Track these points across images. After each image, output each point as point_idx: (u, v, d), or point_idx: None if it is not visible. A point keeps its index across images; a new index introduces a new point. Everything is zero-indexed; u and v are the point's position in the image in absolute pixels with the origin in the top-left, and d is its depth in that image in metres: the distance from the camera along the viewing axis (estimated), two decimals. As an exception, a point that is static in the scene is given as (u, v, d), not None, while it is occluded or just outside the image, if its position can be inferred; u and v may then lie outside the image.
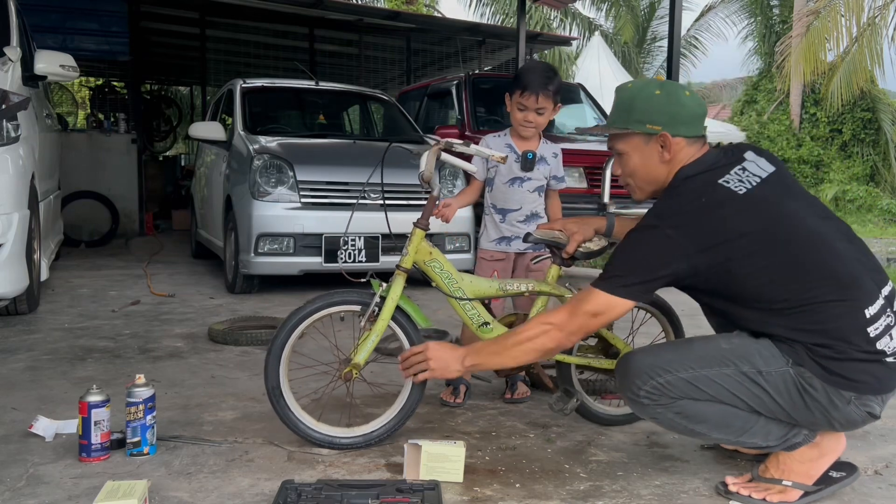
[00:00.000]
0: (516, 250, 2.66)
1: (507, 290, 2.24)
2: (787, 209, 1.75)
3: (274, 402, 2.09)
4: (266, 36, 11.31)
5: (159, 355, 3.22)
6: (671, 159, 1.83)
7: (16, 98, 3.58)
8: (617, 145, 1.90)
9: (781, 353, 1.70)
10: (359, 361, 2.07)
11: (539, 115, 2.57)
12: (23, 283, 3.54)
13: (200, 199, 6.54)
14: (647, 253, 1.73)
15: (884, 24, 13.55)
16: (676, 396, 1.73)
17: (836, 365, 1.66)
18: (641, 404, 1.77)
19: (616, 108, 1.90)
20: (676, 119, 1.82)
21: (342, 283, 2.16)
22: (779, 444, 1.77)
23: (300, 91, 6.43)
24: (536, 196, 2.68)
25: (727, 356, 1.73)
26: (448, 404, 2.57)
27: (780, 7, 19.70)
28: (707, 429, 1.76)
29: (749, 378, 1.70)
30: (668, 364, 1.74)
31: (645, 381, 1.73)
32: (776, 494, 1.78)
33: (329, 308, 2.11)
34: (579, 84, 7.63)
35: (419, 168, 2.15)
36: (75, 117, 17.40)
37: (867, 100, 17.34)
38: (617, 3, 20.87)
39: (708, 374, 1.71)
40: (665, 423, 1.79)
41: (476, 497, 1.81)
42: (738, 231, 1.69)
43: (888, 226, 15.07)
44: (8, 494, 1.77)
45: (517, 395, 2.62)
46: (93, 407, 1.97)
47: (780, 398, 1.70)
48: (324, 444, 2.10)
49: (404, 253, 2.13)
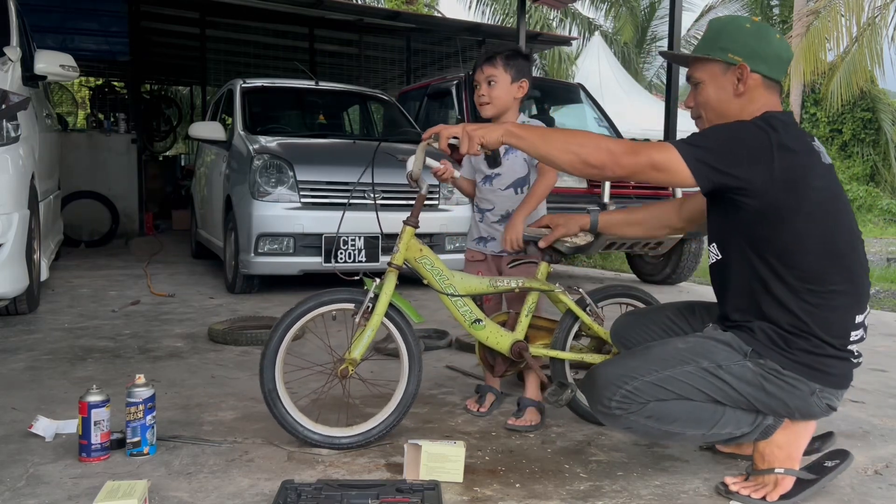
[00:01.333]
0: (491, 252, 2.52)
1: (497, 287, 2.24)
2: (845, 197, 1.80)
3: (271, 405, 2.09)
4: (266, 36, 11.31)
5: (159, 355, 3.22)
6: (744, 94, 1.81)
7: (16, 98, 3.58)
8: (696, 73, 1.88)
9: (741, 346, 1.76)
10: (355, 357, 2.08)
11: (490, 86, 2.38)
12: (23, 283, 3.54)
13: (200, 199, 6.54)
14: (741, 144, 1.70)
15: (884, 24, 13.55)
16: (645, 401, 1.74)
17: (808, 357, 1.73)
18: (614, 416, 1.77)
19: (704, 37, 1.89)
20: (759, 55, 1.81)
21: (341, 283, 2.16)
22: (752, 430, 1.79)
23: (300, 91, 6.43)
24: (512, 194, 2.45)
25: (686, 355, 1.76)
26: (472, 413, 2.46)
27: (780, 7, 19.71)
28: (680, 427, 1.78)
29: (709, 372, 1.74)
30: (634, 371, 1.76)
31: (614, 391, 1.74)
32: (774, 490, 1.79)
33: (320, 308, 2.11)
34: (579, 84, 7.62)
35: (406, 168, 2.17)
36: (75, 117, 17.42)
37: (867, 100, 17.35)
38: (617, 4, 20.87)
39: (671, 374, 1.74)
40: (639, 430, 1.80)
41: (476, 497, 1.81)
42: (815, 185, 1.70)
43: (888, 226, 15.09)
44: (8, 494, 1.77)
45: (521, 422, 2.33)
46: (93, 407, 1.97)
47: (740, 388, 1.74)
48: (323, 444, 2.09)
49: (395, 250, 2.14)
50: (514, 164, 2.44)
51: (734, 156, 1.69)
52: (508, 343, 2.23)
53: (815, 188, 1.70)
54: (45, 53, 4.29)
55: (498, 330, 2.24)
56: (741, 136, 1.72)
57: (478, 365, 3.06)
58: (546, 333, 2.35)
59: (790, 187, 1.68)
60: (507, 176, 2.45)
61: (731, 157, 1.69)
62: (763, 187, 1.68)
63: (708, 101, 1.86)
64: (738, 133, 1.73)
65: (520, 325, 2.27)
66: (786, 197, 1.68)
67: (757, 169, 1.68)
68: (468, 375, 2.96)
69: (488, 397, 2.51)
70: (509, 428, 2.31)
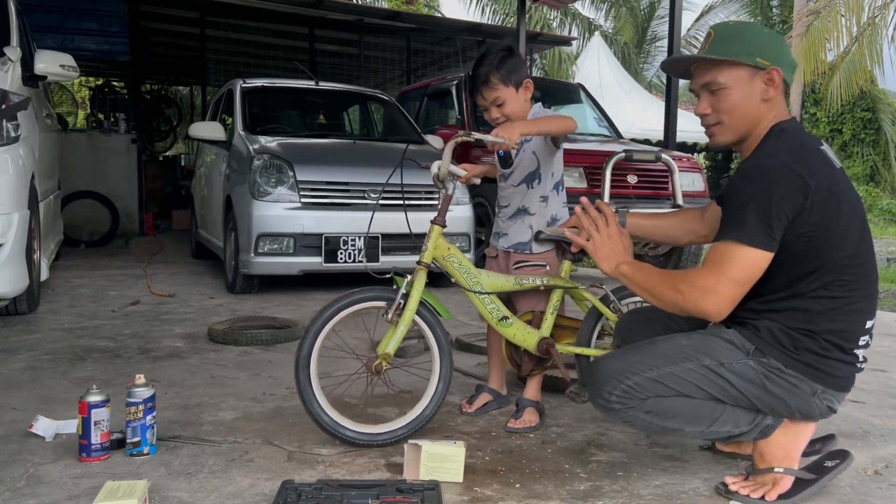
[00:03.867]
0: (502, 247, 2.47)
1: (523, 285, 2.26)
2: (858, 199, 1.79)
3: (308, 405, 2.09)
4: (266, 36, 11.32)
5: (159, 355, 3.22)
6: (772, 99, 1.79)
7: (16, 98, 3.59)
8: (717, 77, 1.80)
9: (744, 344, 1.75)
10: (388, 351, 2.09)
11: (499, 107, 2.33)
12: (23, 283, 3.54)
13: (200, 199, 6.54)
14: (782, 202, 1.65)
15: (884, 24, 13.54)
16: (645, 396, 1.75)
17: (814, 358, 1.72)
18: (613, 409, 1.78)
19: (720, 40, 1.81)
20: (783, 60, 1.79)
21: (342, 283, 2.16)
22: (751, 428, 1.80)
23: (300, 91, 6.43)
24: (524, 189, 2.40)
25: (688, 352, 1.76)
26: (462, 412, 2.47)
27: (780, 7, 19.70)
28: (679, 423, 1.78)
29: (711, 370, 1.74)
30: (635, 366, 1.76)
31: (615, 385, 1.75)
32: (772, 490, 1.79)
33: (353, 306, 2.12)
34: (579, 84, 7.63)
35: (432, 171, 2.20)
36: (75, 117, 17.42)
37: (867, 100, 17.34)
38: (617, 4, 20.88)
39: (673, 370, 1.74)
40: (638, 424, 1.81)
41: (476, 497, 1.81)
42: (843, 197, 1.70)
43: (888, 226, 15.08)
44: (8, 494, 1.77)
45: (519, 424, 2.32)
46: (93, 407, 1.97)
47: (741, 386, 1.74)
48: (363, 443, 2.10)
49: (424, 249, 2.16)
50: (524, 159, 2.39)
51: (782, 215, 1.66)
52: (535, 340, 2.24)
53: (843, 199, 1.71)
54: (45, 53, 4.29)
55: (525, 327, 2.26)
56: (780, 193, 1.66)
57: (479, 365, 3.06)
58: (569, 332, 2.36)
59: (824, 209, 1.68)
60: (519, 171, 2.40)
61: (780, 219, 1.66)
62: (805, 219, 1.67)
63: (735, 106, 1.80)
64: (774, 190, 1.67)
65: (545, 322, 2.28)
66: (821, 218, 1.68)
67: (802, 215, 1.67)
68: (468, 375, 2.95)
69: (481, 398, 2.49)
70: (509, 430, 2.31)
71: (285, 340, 3.49)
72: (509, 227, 2.44)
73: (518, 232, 2.41)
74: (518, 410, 2.37)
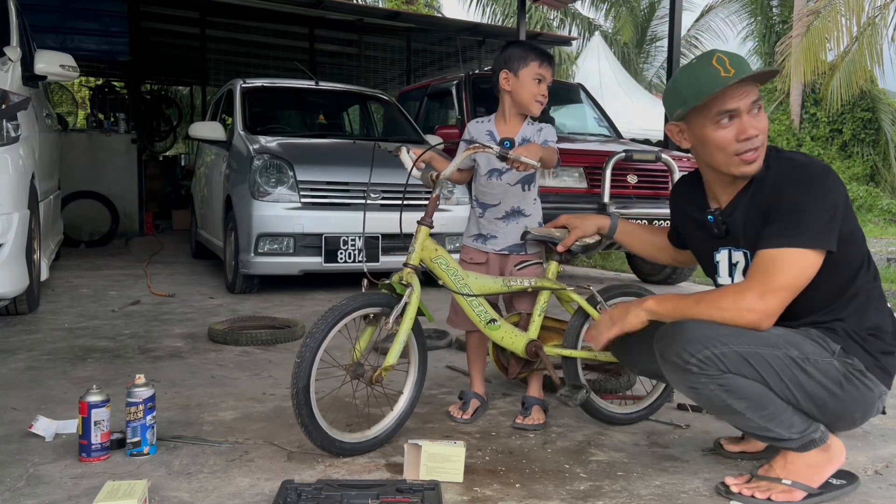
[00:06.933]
0: (492, 250, 2.40)
1: (511, 287, 2.24)
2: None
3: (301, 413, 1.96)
4: (266, 36, 11.32)
5: (159, 355, 3.22)
6: None
7: (16, 98, 3.58)
8: (756, 95, 1.79)
9: (829, 343, 1.76)
10: (392, 363, 2.03)
11: (546, 86, 2.36)
12: (23, 283, 3.54)
13: (200, 199, 6.54)
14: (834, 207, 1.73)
15: (884, 24, 13.54)
16: (725, 369, 1.71)
17: (885, 359, 1.78)
18: (686, 370, 1.73)
19: (734, 62, 1.76)
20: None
21: (342, 283, 2.16)
22: (797, 437, 1.77)
23: (300, 91, 6.43)
24: (519, 190, 2.36)
25: (777, 340, 1.74)
26: (456, 420, 2.38)
27: (780, 7, 19.70)
28: (744, 407, 1.74)
29: (795, 362, 1.72)
30: (725, 337, 1.72)
31: (699, 349, 1.71)
32: (781, 494, 1.78)
33: (354, 313, 2.03)
34: (579, 84, 7.63)
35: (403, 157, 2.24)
36: (75, 117, 17.41)
37: (867, 100, 17.35)
38: (617, 4, 20.89)
39: (761, 351, 1.72)
40: (704, 394, 1.76)
41: (476, 497, 1.81)
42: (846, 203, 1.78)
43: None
44: (8, 494, 1.77)
45: (528, 420, 2.33)
46: (93, 407, 1.97)
47: (822, 382, 1.73)
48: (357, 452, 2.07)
49: (411, 250, 2.13)
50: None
51: (839, 213, 1.73)
52: (523, 343, 2.22)
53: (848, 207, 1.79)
54: (45, 53, 4.29)
55: (512, 330, 2.24)
56: (836, 191, 1.74)
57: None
58: (556, 334, 2.34)
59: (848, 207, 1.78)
60: (517, 171, 2.27)
61: (839, 216, 1.73)
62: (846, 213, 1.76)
63: (766, 126, 1.84)
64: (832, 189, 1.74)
65: (533, 324, 2.27)
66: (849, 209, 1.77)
67: (848, 209, 1.77)
68: (468, 375, 2.95)
69: (472, 403, 2.43)
70: (516, 427, 2.30)
71: (285, 340, 3.49)
72: (500, 229, 2.39)
73: (513, 233, 2.38)
74: (526, 408, 2.36)
